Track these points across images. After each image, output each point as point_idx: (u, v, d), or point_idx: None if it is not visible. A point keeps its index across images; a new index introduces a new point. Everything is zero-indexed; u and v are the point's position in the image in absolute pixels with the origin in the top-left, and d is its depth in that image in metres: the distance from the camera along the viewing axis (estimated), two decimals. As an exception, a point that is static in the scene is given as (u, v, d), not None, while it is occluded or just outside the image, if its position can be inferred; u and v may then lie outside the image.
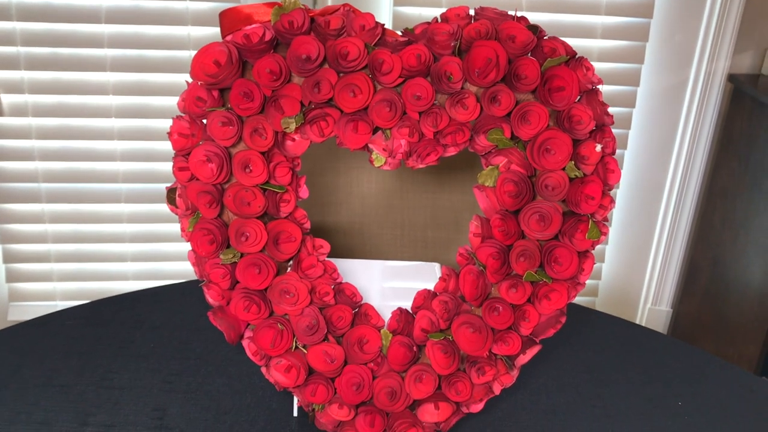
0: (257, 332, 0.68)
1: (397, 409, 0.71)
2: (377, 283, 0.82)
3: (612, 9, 1.73)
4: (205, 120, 0.65)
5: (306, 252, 0.69)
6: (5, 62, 1.69)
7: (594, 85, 0.66)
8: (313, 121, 0.65)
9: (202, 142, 0.65)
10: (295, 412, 0.79)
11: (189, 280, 1.04)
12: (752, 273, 1.74)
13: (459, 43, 0.64)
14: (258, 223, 0.67)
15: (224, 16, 0.67)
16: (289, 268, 0.69)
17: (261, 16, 0.66)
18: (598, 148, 0.65)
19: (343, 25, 0.64)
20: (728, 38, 1.78)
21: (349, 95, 0.64)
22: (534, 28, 0.65)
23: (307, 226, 0.69)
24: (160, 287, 1.01)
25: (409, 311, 0.72)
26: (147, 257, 1.92)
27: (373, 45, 0.65)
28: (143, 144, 1.80)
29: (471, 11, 0.67)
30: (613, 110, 1.76)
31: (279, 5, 0.65)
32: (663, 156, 1.92)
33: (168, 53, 1.72)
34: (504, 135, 0.66)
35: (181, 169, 0.66)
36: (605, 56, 1.78)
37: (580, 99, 0.66)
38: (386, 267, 0.86)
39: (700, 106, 1.85)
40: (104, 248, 1.90)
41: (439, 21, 0.66)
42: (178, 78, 1.74)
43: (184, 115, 0.66)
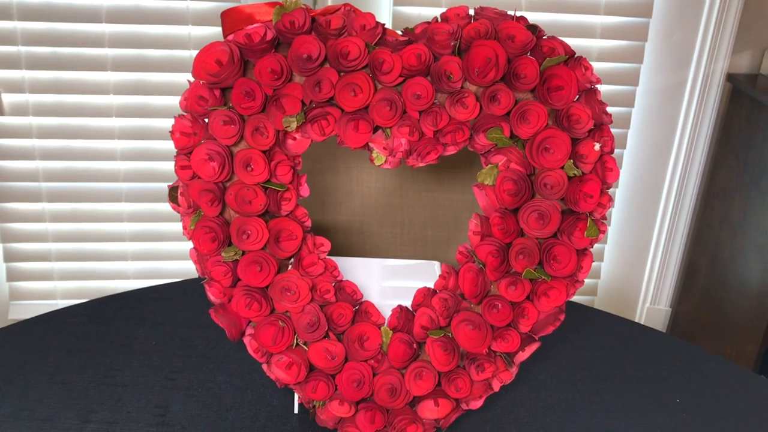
0: (258, 329, 0.69)
1: (398, 406, 0.71)
2: (377, 282, 0.83)
3: (611, 9, 1.73)
4: (207, 119, 0.66)
5: (307, 250, 0.69)
6: (6, 61, 1.70)
7: (592, 85, 0.66)
8: (314, 120, 0.66)
9: (204, 141, 0.66)
10: (296, 409, 0.79)
11: (190, 278, 1.04)
12: (751, 272, 1.75)
13: (459, 43, 0.65)
14: (259, 221, 0.67)
15: (226, 16, 0.67)
16: (290, 266, 0.70)
17: (262, 16, 0.66)
18: (597, 147, 0.66)
19: (344, 25, 0.65)
20: (727, 38, 1.78)
21: (350, 94, 0.64)
22: (533, 28, 0.65)
23: (308, 224, 0.70)
24: (162, 285, 1.02)
25: (409, 309, 0.73)
26: (147, 256, 1.93)
27: (374, 44, 0.65)
28: (143, 143, 1.80)
29: (471, 11, 0.68)
30: (612, 110, 1.77)
31: (280, 5, 0.65)
32: (662, 155, 1.92)
33: (168, 53, 1.72)
34: (503, 134, 0.66)
35: (183, 168, 0.67)
36: (604, 56, 1.78)
37: (579, 98, 0.67)
38: (386, 265, 0.87)
39: (699, 106, 1.85)
40: (105, 247, 1.90)
41: (439, 21, 0.67)
42: (179, 77, 1.74)
43: (186, 114, 0.66)
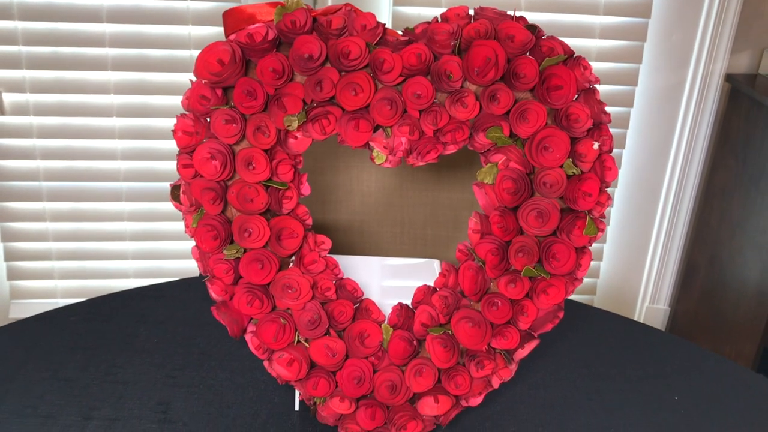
0: (260, 326, 0.70)
1: (398, 403, 0.72)
2: (377, 280, 0.83)
3: (610, 9, 1.74)
4: (209, 118, 0.66)
5: (308, 248, 0.70)
6: (7, 61, 1.70)
7: (591, 84, 0.67)
8: (315, 119, 0.66)
9: (206, 140, 0.67)
10: (297, 406, 0.80)
11: (191, 277, 1.05)
12: (749, 272, 1.75)
13: (459, 43, 0.65)
14: (261, 220, 0.68)
15: (228, 16, 0.68)
16: (292, 264, 0.70)
17: (264, 16, 0.67)
18: (596, 146, 0.66)
19: (345, 25, 0.65)
20: (726, 38, 1.79)
21: (351, 94, 0.65)
22: (532, 28, 0.66)
23: (309, 223, 0.70)
24: (163, 284, 1.02)
25: (410, 306, 0.73)
26: (147, 255, 1.93)
27: (374, 44, 0.66)
28: (144, 143, 1.81)
29: (470, 11, 0.68)
30: (611, 110, 1.77)
31: (282, 5, 0.66)
32: (661, 155, 1.92)
33: (169, 53, 1.73)
34: (503, 133, 0.66)
35: (186, 167, 0.67)
36: (603, 56, 1.79)
37: (578, 97, 0.67)
38: (386, 263, 0.87)
39: (698, 106, 1.86)
40: (105, 246, 1.91)
41: (439, 21, 0.67)
42: (179, 77, 1.74)
43: (188, 113, 0.67)
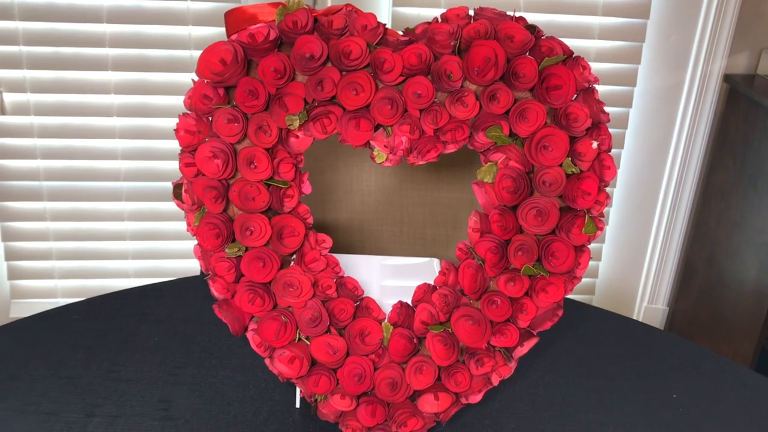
0: (261, 324, 0.70)
1: (398, 400, 0.72)
2: (377, 278, 0.84)
3: (609, 10, 1.75)
4: (211, 117, 0.67)
5: (309, 246, 0.70)
6: (8, 61, 1.70)
7: (590, 84, 0.67)
8: (317, 119, 0.67)
9: (208, 139, 0.67)
10: (298, 403, 0.80)
11: (193, 276, 1.05)
12: (747, 271, 1.76)
13: (459, 43, 0.66)
14: (262, 218, 0.68)
15: (229, 16, 0.68)
16: (293, 262, 0.71)
17: (265, 16, 0.67)
18: (594, 145, 0.67)
19: (346, 25, 0.66)
20: (724, 39, 1.80)
21: (352, 93, 0.65)
22: (532, 28, 0.66)
23: (310, 221, 0.71)
24: (164, 282, 1.03)
25: (410, 304, 0.74)
26: (148, 255, 1.93)
27: (375, 44, 0.66)
28: (144, 143, 1.81)
29: (470, 11, 0.69)
30: (611, 110, 1.78)
31: (283, 5, 0.66)
32: (659, 155, 1.93)
33: (169, 53, 1.73)
34: (502, 132, 0.67)
35: (188, 165, 0.68)
36: (602, 56, 1.80)
37: (577, 97, 0.68)
38: (386, 262, 0.88)
39: (697, 106, 1.86)
40: (105, 246, 1.91)
41: (440, 21, 0.68)
42: (179, 77, 1.75)
43: (191, 112, 0.67)
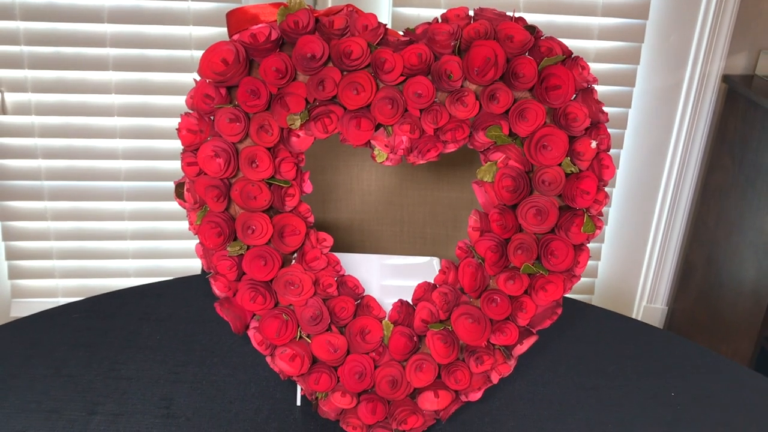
0: (263, 322, 0.71)
1: (398, 397, 0.73)
2: (377, 277, 0.84)
3: (608, 10, 1.75)
4: (213, 116, 0.67)
5: (310, 245, 0.71)
6: (9, 61, 1.71)
7: (589, 84, 0.68)
8: (318, 118, 0.67)
9: (210, 138, 0.67)
10: (299, 401, 0.81)
11: (193, 275, 1.05)
12: (746, 271, 1.77)
13: (459, 43, 0.66)
14: (264, 217, 0.69)
15: (231, 16, 0.69)
16: (294, 261, 0.71)
17: (267, 16, 0.68)
18: (593, 145, 0.67)
19: (347, 25, 0.66)
20: (723, 40, 1.80)
21: (353, 93, 0.66)
22: (531, 29, 0.67)
23: (311, 220, 0.71)
24: (165, 281, 1.03)
25: (410, 303, 0.74)
26: (148, 255, 1.94)
27: (376, 44, 0.66)
28: (145, 142, 1.82)
29: (470, 12, 0.69)
30: (610, 110, 1.78)
31: (285, 6, 0.67)
32: (658, 155, 1.94)
33: (169, 53, 1.74)
34: (502, 132, 0.68)
35: (190, 165, 0.68)
36: (601, 57, 1.80)
37: (576, 97, 0.68)
38: (386, 262, 0.88)
39: (695, 107, 1.87)
40: (106, 246, 1.92)
41: (440, 21, 0.68)
42: (180, 77, 1.75)
43: (193, 112, 0.68)
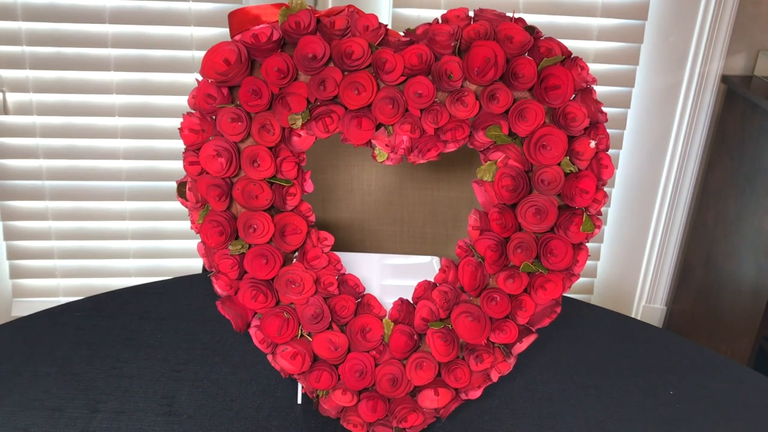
0: (264, 321, 0.71)
1: (399, 395, 0.73)
2: (377, 276, 0.85)
3: (607, 11, 1.76)
4: (215, 116, 0.68)
5: (311, 244, 0.71)
6: (10, 61, 1.71)
7: (588, 84, 0.68)
8: (319, 118, 0.68)
9: (212, 138, 0.68)
10: (300, 399, 0.81)
11: (194, 274, 1.06)
12: (745, 271, 1.77)
13: (459, 43, 0.67)
14: (265, 216, 0.69)
15: (233, 17, 0.69)
16: (295, 259, 0.72)
17: (269, 17, 0.68)
18: (592, 145, 0.68)
19: (348, 26, 0.67)
20: (721, 40, 1.81)
21: (354, 93, 0.66)
22: (531, 29, 0.67)
23: (312, 219, 0.72)
24: (166, 281, 1.04)
25: (410, 301, 0.75)
26: (149, 254, 1.94)
27: (377, 45, 0.67)
28: (146, 142, 1.82)
29: (470, 13, 0.70)
30: (609, 110, 1.79)
31: (286, 6, 0.67)
32: (657, 156, 1.94)
33: (171, 53, 1.74)
34: (502, 131, 0.68)
35: (192, 164, 0.69)
36: (601, 58, 1.81)
37: (575, 97, 0.69)
38: (386, 261, 0.88)
39: (694, 107, 1.87)
40: (107, 245, 1.92)
41: (440, 22, 0.69)
42: (181, 77, 1.76)
43: (195, 112, 0.68)
